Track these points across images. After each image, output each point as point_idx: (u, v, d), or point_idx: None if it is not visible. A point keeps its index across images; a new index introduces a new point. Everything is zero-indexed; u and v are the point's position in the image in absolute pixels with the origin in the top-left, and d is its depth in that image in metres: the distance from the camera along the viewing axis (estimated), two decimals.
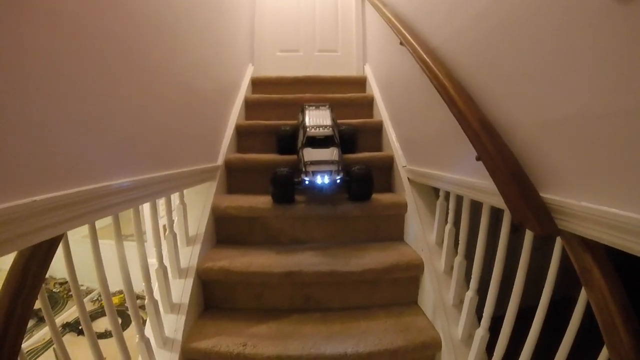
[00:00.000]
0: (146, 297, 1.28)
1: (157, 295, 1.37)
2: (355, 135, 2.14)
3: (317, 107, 1.99)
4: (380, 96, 2.51)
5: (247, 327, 1.44)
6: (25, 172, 0.69)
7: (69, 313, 3.56)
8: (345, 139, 2.03)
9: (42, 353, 2.91)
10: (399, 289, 1.60)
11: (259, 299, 1.57)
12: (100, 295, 3.95)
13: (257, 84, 2.89)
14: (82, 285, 3.43)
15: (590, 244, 0.74)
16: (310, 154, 1.73)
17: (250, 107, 2.61)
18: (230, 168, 2.07)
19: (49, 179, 0.75)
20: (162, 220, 1.58)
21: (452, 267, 1.42)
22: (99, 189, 0.88)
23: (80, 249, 1.19)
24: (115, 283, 1.14)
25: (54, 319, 0.91)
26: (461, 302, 1.35)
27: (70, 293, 4.69)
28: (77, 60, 0.83)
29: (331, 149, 1.76)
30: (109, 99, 0.96)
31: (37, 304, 0.80)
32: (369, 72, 2.92)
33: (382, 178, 2.10)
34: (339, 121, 2.11)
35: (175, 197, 1.56)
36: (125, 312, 3.47)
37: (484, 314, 1.19)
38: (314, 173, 1.67)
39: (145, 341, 1.22)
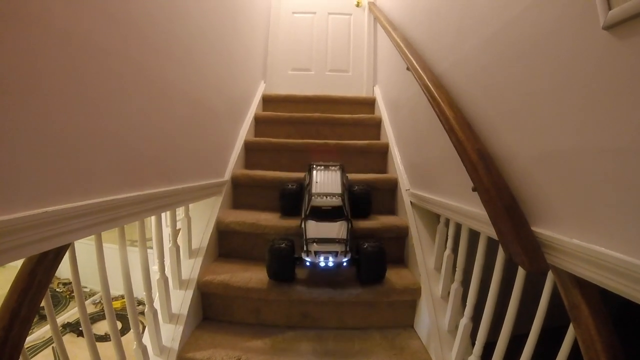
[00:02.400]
0: (146, 305, 1.31)
1: (157, 304, 1.40)
2: (369, 197, 1.91)
3: (327, 167, 1.82)
4: (387, 118, 2.55)
5: (242, 341, 1.46)
6: (38, 183, 0.73)
7: (71, 313, 3.60)
8: (357, 202, 1.87)
9: (41, 351, 2.94)
10: (397, 312, 1.61)
11: (257, 314, 1.58)
12: (102, 299, 4.01)
13: (268, 101, 2.95)
14: (85, 287, 3.45)
15: (581, 280, 0.75)
16: (314, 229, 1.55)
17: (260, 123, 2.67)
18: (237, 183, 2.11)
19: (59, 190, 0.79)
20: (167, 230, 1.61)
21: (449, 293, 1.43)
22: (106, 202, 0.92)
23: (85, 251, 1.21)
24: (118, 287, 1.17)
25: (55, 319, 0.94)
26: (456, 327, 1.35)
27: (73, 294, 4.80)
28: (91, 79, 0.88)
29: (339, 223, 1.57)
30: (119, 115, 1.00)
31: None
32: (378, 94, 2.96)
33: (386, 200, 2.12)
34: (351, 176, 2.01)
35: (180, 210, 1.59)
36: (127, 316, 3.50)
37: (476, 341, 1.19)
38: (317, 254, 1.49)
39: (143, 348, 1.26)
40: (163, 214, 1.40)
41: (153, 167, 1.21)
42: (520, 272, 1.00)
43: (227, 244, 1.85)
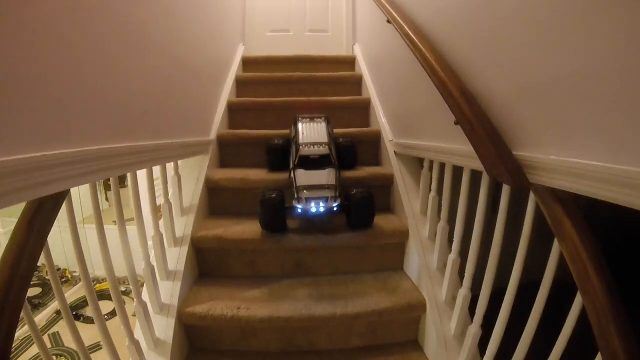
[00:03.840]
0: (143, 262, 1.33)
1: (153, 262, 1.42)
2: (355, 149, 1.95)
3: (312, 119, 1.84)
4: (368, 75, 2.57)
5: (240, 292, 1.50)
6: (38, 128, 0.75)
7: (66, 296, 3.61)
8: (343, 153, 1.89)
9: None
10: (386, 255, 1.68)
11: (252, 266, 1.63)
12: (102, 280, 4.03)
13: (248, 63, 2.92)
14: (74, 272, 3.48)
15: (560, 195, 0.81)
16: (304, 177, 1.58)
17: (241, 85, 2.65)
18: (223, 143, 2.12)
19: (57, 136, 0.80)
20: (159, 200, 1.61)
21: (435, 233, 1.50)
22: (100, 150, 0.94)
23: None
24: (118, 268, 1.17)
25: (61, 287, 0.96)
26: (444, 265, 1.42)
27: (64, 279, 4.78)
28: (81, 32, 0.89)
29: (327, 170, 1.59)
30: (109, 69, 1.01)
31: (31, 291, 0.85)
32: (358, 52, 2.97)
33: (370, 152, 2.16)
34: (335, 131, 2.00)
35: (170, 168, 1.61)
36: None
37: (465, 274, 1.26)
38: (308, 200, 1.51)
39: (143, 305, 1.27)
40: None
41: (143, 122, 1.23)
42: (505, 195, 1.05)
43: (217, 202, 1.88)
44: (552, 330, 0.90)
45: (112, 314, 3.10)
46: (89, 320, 3.41)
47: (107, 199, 4.83)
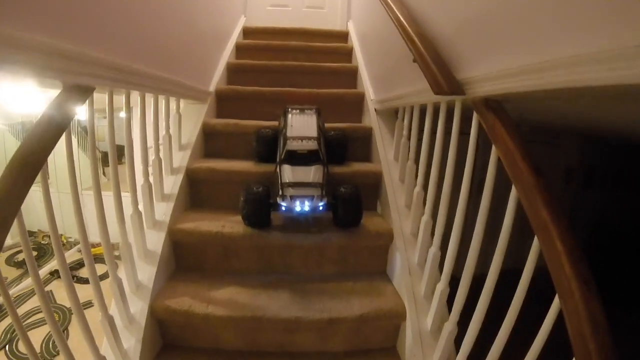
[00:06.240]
0: (142, 180, 1.49)
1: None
2: (345, 143, 1.91)
3: (302, 111, 1.77)
4: (359, 47, 2.79)
5: (226, 216, 1.66)
6: (91, 33, 1.01)
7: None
8: (333, 147, 1.84)
9: (30, 298, 3.55)
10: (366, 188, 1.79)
11: (239, 197, 1.79)
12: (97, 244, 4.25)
13: (248, 33, 3.13)
14: (70, 238, 3.72)
15: (492, 104, 1.00)
16: (290, 173, 1.53)
17: (240, 51, 2.85)
18: (220, 97, 2.32)
19: (98, 43, 1.04)
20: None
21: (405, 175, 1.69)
22: (121, 63, 1.16)
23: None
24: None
25: (61, 247, 1.02)
26: (412, 201, 1.59)
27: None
28: None
29: (315, 167, 1.55)
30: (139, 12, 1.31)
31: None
32: (351, 28, 3.19)
33: (355, 110, 2.37)
34: (327, 125, 1.96)
35: (173, 109, 1.81)
36: None
37: (441, 209, 1.33)
38: (293, 198, 1.47)
39: (139, 215, 1.42)
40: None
41: (158, 56, 1.49)
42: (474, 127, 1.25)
43: (212, 145, 2.07)
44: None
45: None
46: (82, 280, 3.71)
47: (104, 173, 5.04)
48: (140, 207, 1.47)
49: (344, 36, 3.19)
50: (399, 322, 1.42)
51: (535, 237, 0.80)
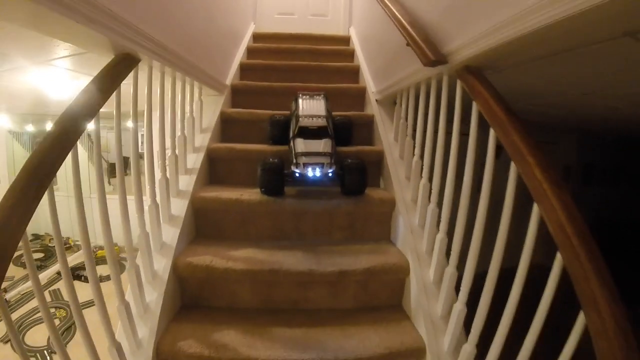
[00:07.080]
0: (168, 155, 1.67)
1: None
2: (350, 127, 2.13)
3: (312, 96, 1.97)
4: (360, 48, 3.07)
5: (244, 189, 1.83)
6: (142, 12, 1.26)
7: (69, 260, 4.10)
8: (339, 131, 2.02)
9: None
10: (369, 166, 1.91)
11: (256, 173, 1.87)
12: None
13: (258, 38, 3.41)
14: (77, 241, 3.92)
15: (472, 69, 1.21)
16: (302, 144, 1.71)
17: (251, 54, 3.12)
18: (235, 90, 2.56)
19: (147, 21, 1.29)
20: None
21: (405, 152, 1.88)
22: (160, 41, 1.39)
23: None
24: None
25: (62, 244, 1.06)
26: (411, 172, 1.77)
27: (67, 246, 5.42)
28: None
29: (324, 140, 1.73)
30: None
31: (34, 256, 1.04)
32: (353, 33, 3.46)
33: (358, 102, 2.59)
34: (334, 113, 2.11)
35: (196, 95, 2.03)
36: None
37: (443, 196, 1.60)
38: (305, 165, 1.64)
39: (166, 185, 1.63)
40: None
41: (187, 45, 1.75)
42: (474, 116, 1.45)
43: (229, 131, 2.28)
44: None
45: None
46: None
47: (110, 183, 5.23)
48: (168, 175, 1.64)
49: (346, 40, 3.45)
50: (403, 277, 1.58)
51: (513, 163, 0.99)
